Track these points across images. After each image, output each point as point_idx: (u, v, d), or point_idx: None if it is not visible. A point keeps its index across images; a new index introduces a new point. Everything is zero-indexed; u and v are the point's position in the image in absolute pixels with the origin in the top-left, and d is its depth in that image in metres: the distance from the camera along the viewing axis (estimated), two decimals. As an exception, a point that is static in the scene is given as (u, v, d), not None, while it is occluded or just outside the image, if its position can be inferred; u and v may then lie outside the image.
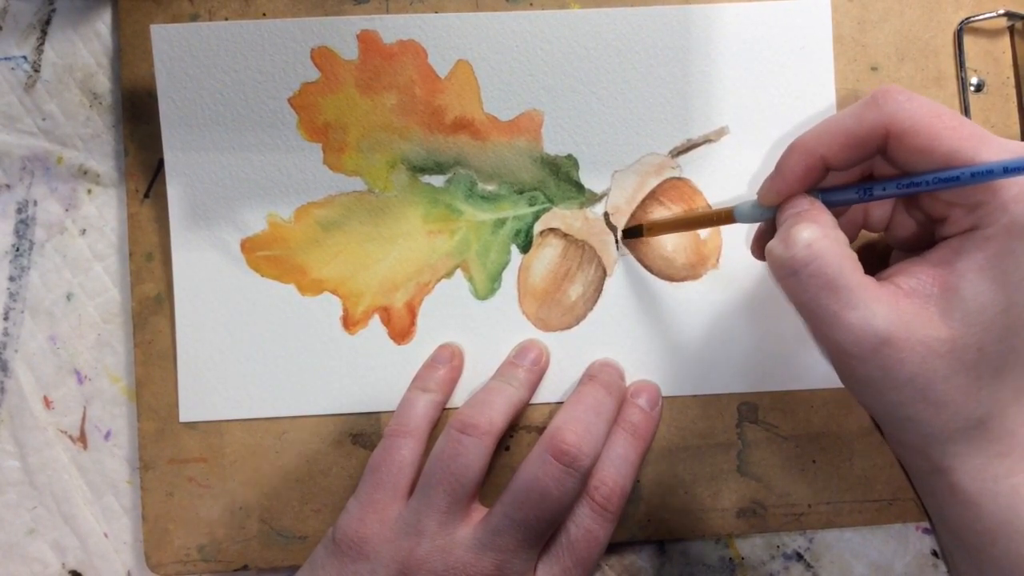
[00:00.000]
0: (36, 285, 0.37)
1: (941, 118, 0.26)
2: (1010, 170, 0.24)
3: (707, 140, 0.36)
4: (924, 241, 0.29)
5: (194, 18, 0.36)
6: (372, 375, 0.36)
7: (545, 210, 0.36)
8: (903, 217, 0.30)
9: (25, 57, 0.37)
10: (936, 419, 0.27)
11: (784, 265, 0.27)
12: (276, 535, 0.36)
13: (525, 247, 0.36)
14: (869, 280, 0.27)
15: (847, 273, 0.26)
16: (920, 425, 0.27)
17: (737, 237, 0.36)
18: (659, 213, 0.36)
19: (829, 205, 0.28)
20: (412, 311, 0.36)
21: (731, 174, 0.36)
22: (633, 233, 0.36)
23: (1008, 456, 0.27)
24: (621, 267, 0.36)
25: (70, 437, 0.37)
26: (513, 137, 0.36)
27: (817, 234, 0.27)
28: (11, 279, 0.37)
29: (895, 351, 0.26)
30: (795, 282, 0.27)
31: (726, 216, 0.31)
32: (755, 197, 0.30)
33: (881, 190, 0.28)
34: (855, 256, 0.27)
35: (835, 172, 0.29)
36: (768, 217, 0.30)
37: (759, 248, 0.32)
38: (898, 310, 0.26)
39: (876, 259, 0.31)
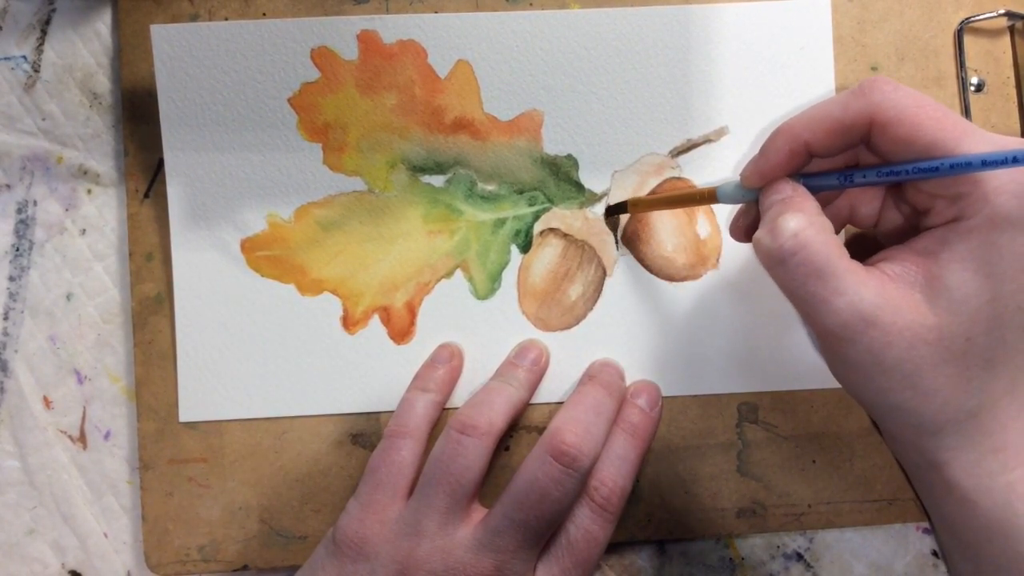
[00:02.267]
0: (36, 285, 0.37)
1: (924, 108, 0.26)
2: (988, 163, 0.24)
3: (707, 140, 0.36)
4: (912, 235, 0.29)
5: (194, 18, 0.36)
6: (372, 375, 0.36)
7: (545, 210, 0.36)
8: (891, 212, 0.31)
9: (25, 57, 0.37)
10: (926, 408, 0.27)
11: (771, 255, 0.27)
12: (276, 535, 0.36)
13: (525, 247, 0.36)
14: (856, 265, 0.27)
15: (833, 260, 0.26)
16: (910, 415, 0.27)
17: (737, 237, 0.36)
18: (659, 212, 0.36)
19: (811, 191, 0.29)
20: (412, 311, 0.36)
21: (731, 174, 0.36)
22: (617, 210, 0.35)
23: (1002, 451, 0.27)
24: (621, 267, 0.36)
25: (70, 437, 0.37)
26: (513, 137, 0.36)
27: (803, 223, 0.27)
28: (11, 279, 0.37)
29: (882, 334, 0.26)
30: (783, 271, 0.27)
31: (709, 196, 0.31)
32: (739, 178, 0.30)
33: (861, 177, 0.28)
34: (840, 242, 0.27)
35: (820, 160, 0.29)
36: (751, 199, 0.30)
37: (738, 229, 0.33)
38: (884, 294, 0.26)
39: (865, 251, 0.31)
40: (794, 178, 0.29)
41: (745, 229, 0.32)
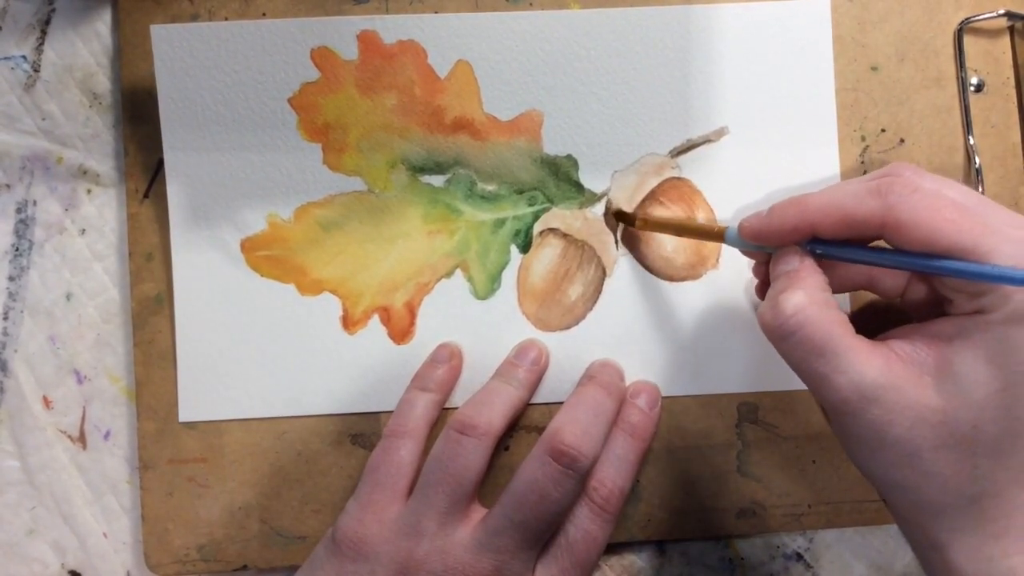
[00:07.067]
0: (36, 285, 0.37)
1: (942, 211, 0.26)
2: (1009, 279, 0.24)
3: (707, 140, 0.36)
4: (937, 311, 0.29)
5: (194, 18, 0.36)
6: (372, 375, 0.36)
7: (545, 210, 0.36)
8: (919, 286, 0.30)
9: (25, 57, 0.37)
10: (926, 488, 0.26)
11: (773, 332, 0.28)
12: (275, 535, 0.36)
13: (525, 247, 0.36)
14: (860, 342, 0.27)
15: (835, 339, 0.26)
16: (910, 492, 0.27)
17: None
18: (659, 213, 0.36)
19: (824, 257, 0.29)
20: (412, 311, 0.36)
21: (731, 174, 0.36)
22: (623, 218, 0.35)
23: (1004, 537, 0.26)
24: (621, 267, 0.36)
25: (70, 437, 0.37)
26: (513, 137, 0.36)
27: (803, 301, 0.27)
28: (11, 279, 0.37)
29: (884, 411, 0.26)
30: (786, 347, 0.28)
31: (718, 234, 0.32)
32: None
33: (877, 258, 0.28)
34: (844, 318, 0.27)
35: None
36: (755, 250, 0.30)
37: (761, 293, 0.33)
38: (889, 372, 0.26)
39: (882, 320, 0.30)
40: (804, 246, 0.29)
41: (764, 290, 0.32)
